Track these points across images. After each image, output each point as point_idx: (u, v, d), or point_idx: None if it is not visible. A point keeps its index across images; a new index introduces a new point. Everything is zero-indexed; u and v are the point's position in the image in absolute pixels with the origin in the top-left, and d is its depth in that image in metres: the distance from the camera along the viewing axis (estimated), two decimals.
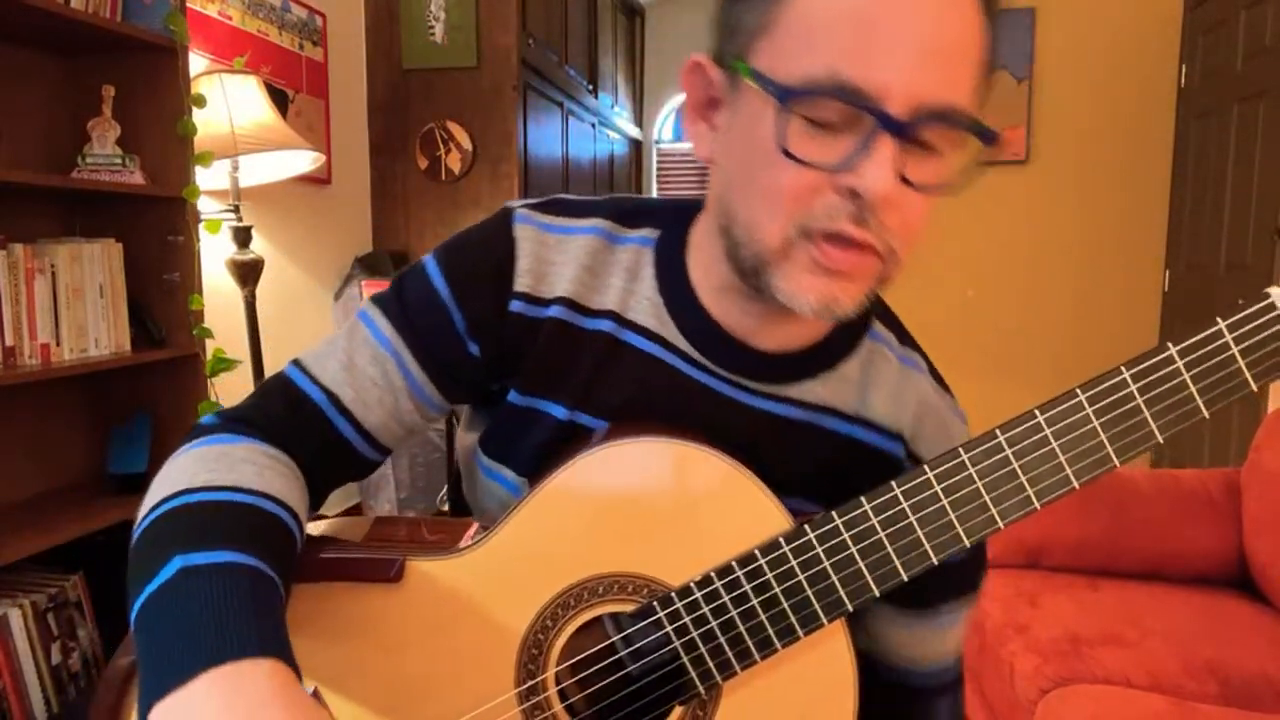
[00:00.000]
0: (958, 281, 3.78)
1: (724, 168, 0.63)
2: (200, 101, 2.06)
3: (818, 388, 0.68)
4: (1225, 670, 1.36)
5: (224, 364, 2.12)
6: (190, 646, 0.49)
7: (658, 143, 6.18)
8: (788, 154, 0.56)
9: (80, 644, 1.78)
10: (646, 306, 0.68)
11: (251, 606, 0.51)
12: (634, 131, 5.83)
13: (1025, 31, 3.68)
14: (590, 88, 4.14)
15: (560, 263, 0.68)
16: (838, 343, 0.69)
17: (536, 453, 0.69)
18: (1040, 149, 3.66)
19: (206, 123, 2.12)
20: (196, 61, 2.29)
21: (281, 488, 0.60)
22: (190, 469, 0.59)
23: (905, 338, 0.73)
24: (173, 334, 2.00)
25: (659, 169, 6.25)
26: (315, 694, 0.59)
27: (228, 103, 2.21)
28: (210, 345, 2.06)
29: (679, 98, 6.09)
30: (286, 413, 0.66)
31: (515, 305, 0.67)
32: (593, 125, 4.28)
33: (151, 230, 1.97)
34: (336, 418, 0.67)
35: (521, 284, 0.67)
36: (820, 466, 0.68)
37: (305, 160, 2.52)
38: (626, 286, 0.68)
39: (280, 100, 2.65)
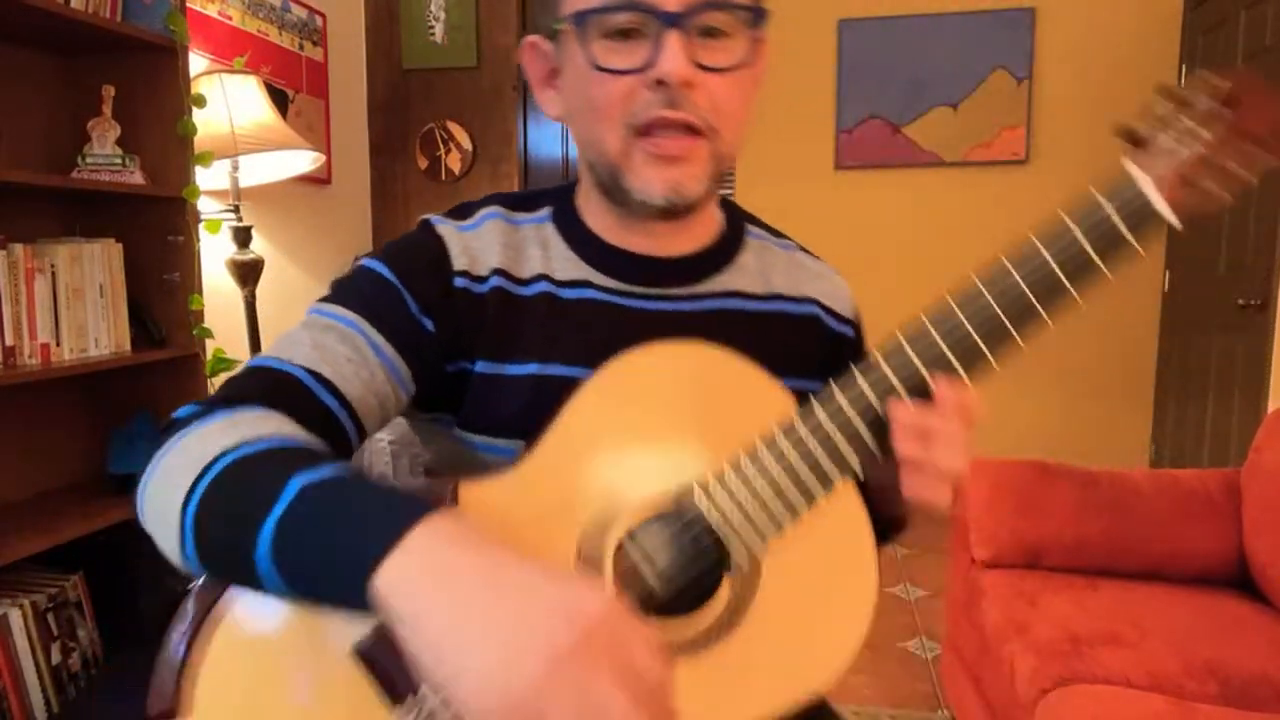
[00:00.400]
0: (958, 282, 3.78)
1: (571, 114, 0.75)
2: (200, 101, 2.06)
3: (726, 279, 0.80)
4: (1225, 670, 1.36)
5: (224, 364, 2.13)
6: (379, 520, 0.51)
7: None
8: (599, 68, 0.69)
9: (80, 644, 1.78)
10: (566, 264, 0.78)
11: (400, 490, 0.54)
12: None
13: (1025, 31, 3.68)
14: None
15: (481, 246, 0.76)
16: (728, 242, 0.82)
17: (523, 412, 0.71)
18: (1040, 149, 3.66)
19: (206, 123, 2.12)
20: (196, 61, 2.29)
21: (307, 439, 0.62)
22: (201, 448, 0.59)
23: (777, 233, 0.89)
24: (173, 334, 2.00)
25: None
26: (384, 627, 0.58)
27: (228, 103, 2.21)
28: (210, 345, 2.06)
29: None
30: (269, 389, 0.66)
31: (459, 282, 0.74)
32: None
33: (151, 230, 1.97)
34: (319, 389, 0.67)
35: (459, 264, 0.74)
36: (763, 344, 0.76)
37: (305, 160, 2.52)
38: (544, 255, 0.78)
39: (280, 100, 2.65)
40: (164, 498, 0.58)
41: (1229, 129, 0.61)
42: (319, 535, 0.52)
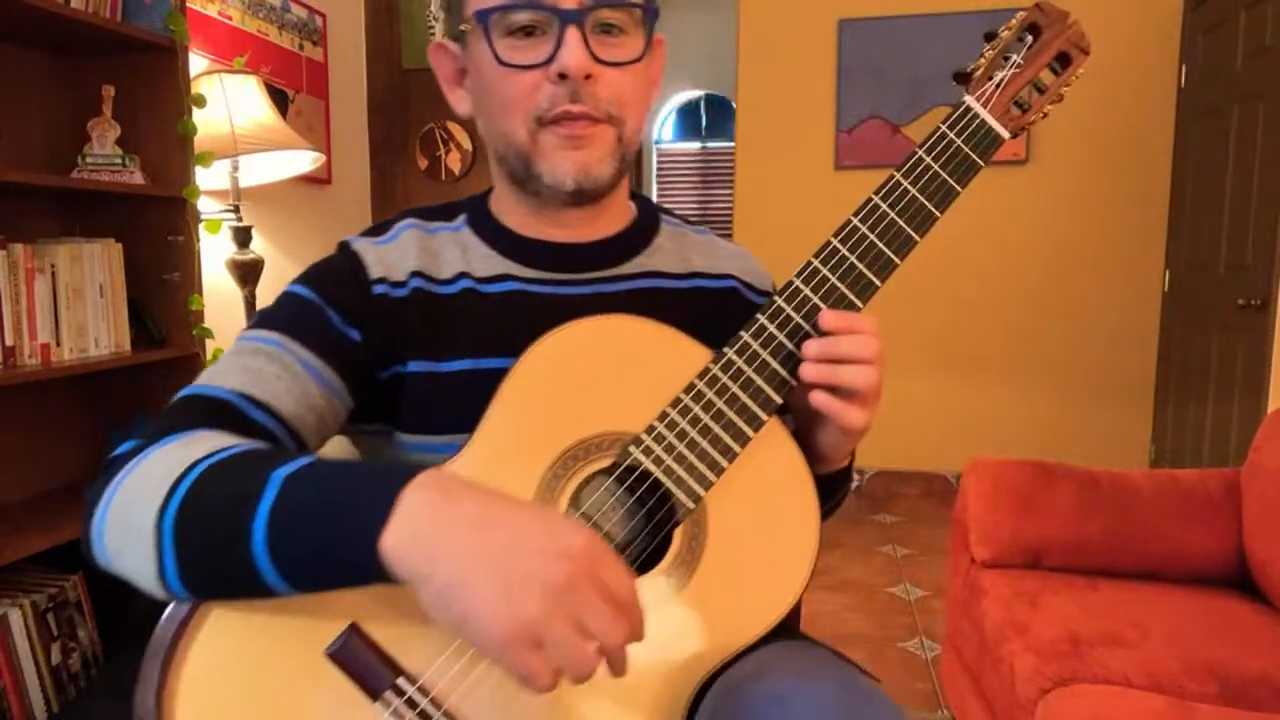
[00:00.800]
0: (957, 281, 3.79)
1: (480, 109, 0.79)
2: (200, 101, 2.06)
3: (644, 260, 0.83)
4: (1225, 670, 1.36)
5: None
6: (369, 493, 0.54)
7: (658, 143, 6.19)
8: (503, 63, 0.72)
9: (80, 644, 1.78)
10: (486, 262, 0.80)
11: (378, 463, 0.58)
12: None
13: None
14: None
15: (398, 257, 0.78)
16: (643, 228, 0.86)
17: (461, 409, 0.71)
18: (1040, 149, 3.66)
19: (206, 123, 2.12)
20: (196, 61, 2.29)
21: (268, 445, 0.63)
22: (164, 466, 0.59)
23: (691, 221, 0.92)
24: (173, 334, 2.00)
25: (659, 169, 6.26)
26: (353, 628, 0.60)
27: (228, 103, 2.21)
28: (210, 345, 2.06)
29: (679, 97, 6.09)
30: (205, 415, 0.66)
31: (377, 289, 0.76)
32: None
33: (151, 230, 1.97)
34: (252, 410, 0.68)
35: (375, 273, 0.77)
36: (684, 319, 0.77)
37: (305, 160, 2.52)
38: (463, 255, 0.80)
39: (280, 100, 2.65)
40: (132, 519, 0.58)
41: (1034, 51, 0.76)
42: (314, 519, 0.55)
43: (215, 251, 2.31)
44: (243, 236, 2.30)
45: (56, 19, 1.70)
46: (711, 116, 6.08)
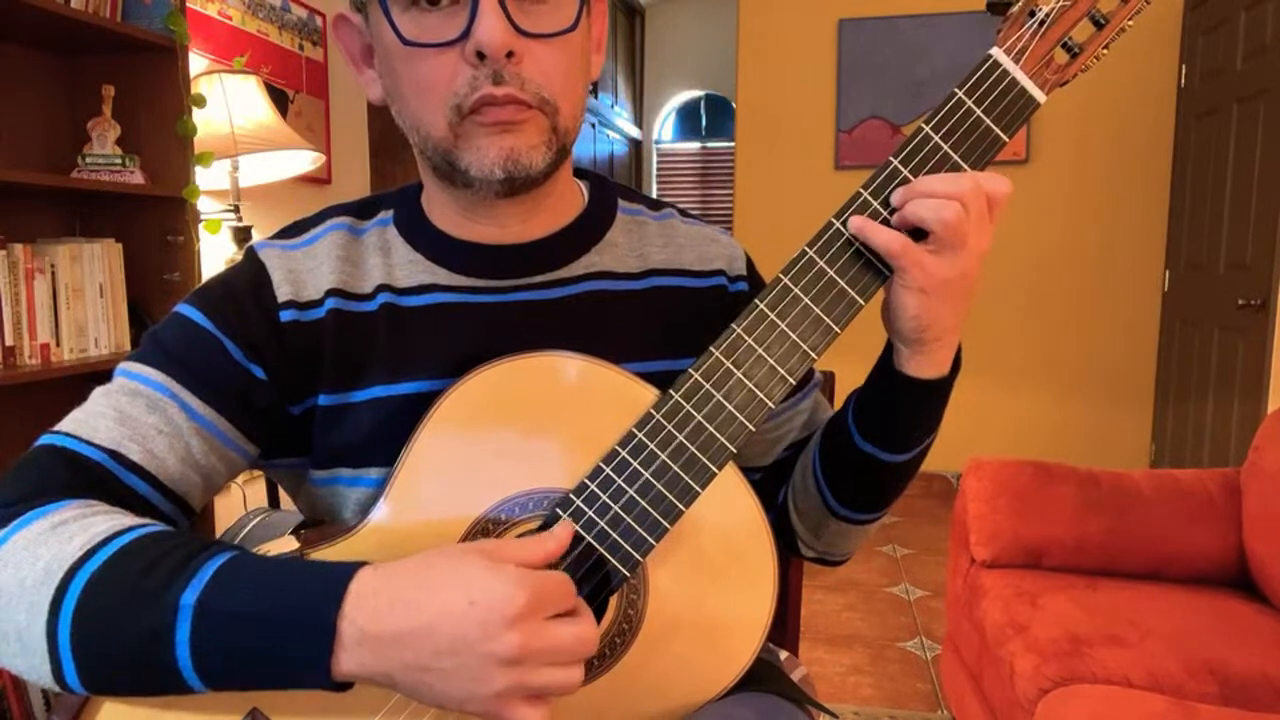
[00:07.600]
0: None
1: (391, 96, 0.67)
2: (200, 101, 2.06)
3: (592, 259, 0.73)
4: (1225, 670, 1.36)
5: None
6: (300, 635, 0.51)
7: (658, 143, 6.19)
8: (407, 42, 0.61)
9: None
10: (410, 269, 0.70)
11: (285, 563, 0.54)
12: (634, 131, 5.83)
13: None
14: (590, 87, 4.16)
15: (312, 268, 0.69)
16: (592, 221, 0.75)
17: (373, 438, 0.66)
18: (1040, 149, 3.66)
19: (206, 123, 2.12)
20: (196, 61, 2.29)
21: (147, 524, 0.57)
22: (35, 561, 0.54)
23: (655, 204, 0.81)
24: None
25: (659, 169, 6.26)
26: (254, 714, 0.58)
27: (228, 103, 2.21)
28: None
29: (679, 97, 6.10)
30: (72, 478, 0.59)
31: (285, 316, 0.67)
32: (593, 125, 4.29)
33: (151, 230, 1.97)
34: (125, 474, 0.60)
35: (283, 294, 0.67)
36: (641, 325, 0.72)
37: (305, 160, 2.52)
38: (385, 262, 0.70)
39: (280, 100, 2.65)
40: (10, 620, 0.53)
41: None
42: (247, 657, 0.52)
43: (215, 251, 2.31)
44: (243, 236, 2.29)
45: (57, 19, 1.70)
46: (711, 116, 6.08)
